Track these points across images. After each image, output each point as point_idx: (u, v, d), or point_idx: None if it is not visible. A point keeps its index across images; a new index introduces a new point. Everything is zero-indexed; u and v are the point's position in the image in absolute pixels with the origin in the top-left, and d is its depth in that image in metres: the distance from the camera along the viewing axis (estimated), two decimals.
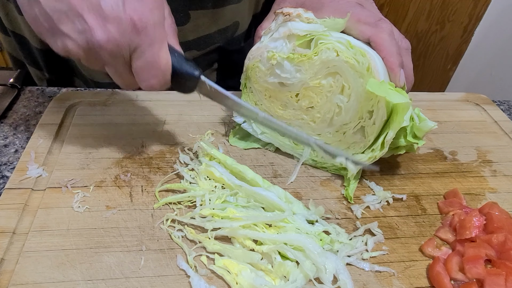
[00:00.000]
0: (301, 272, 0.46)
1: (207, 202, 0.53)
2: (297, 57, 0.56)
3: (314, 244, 0.47)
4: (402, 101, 0.51)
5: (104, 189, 0.56)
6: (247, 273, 0.46)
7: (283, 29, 0.56)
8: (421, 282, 0.48)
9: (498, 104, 0.84)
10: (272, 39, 0.58)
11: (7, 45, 0.84)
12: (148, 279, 0.46)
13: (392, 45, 0.55)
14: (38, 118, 0.68)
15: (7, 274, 0.45)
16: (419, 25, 1.96)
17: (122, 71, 0.48)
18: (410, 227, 0.55)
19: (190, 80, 0.52)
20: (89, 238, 0.49)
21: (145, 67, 0.47)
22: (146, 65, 0.47)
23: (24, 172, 0.56)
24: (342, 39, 0.54)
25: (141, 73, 0.48)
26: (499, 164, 0.67)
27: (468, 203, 0.59)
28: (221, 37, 0.80)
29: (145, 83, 0.49)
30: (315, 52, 0.55)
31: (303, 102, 0.59)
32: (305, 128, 0.61)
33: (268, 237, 0.48)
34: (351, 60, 0.53)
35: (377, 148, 0.55)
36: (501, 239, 0.49)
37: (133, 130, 0.66)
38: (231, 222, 0.50)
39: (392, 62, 0.54)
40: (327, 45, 0.54)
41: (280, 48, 0.57)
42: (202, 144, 0.59)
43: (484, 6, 1.87)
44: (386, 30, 0.55)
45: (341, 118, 0.57)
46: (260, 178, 0.56)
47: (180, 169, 0.58)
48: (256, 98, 0.64)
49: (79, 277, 0.45)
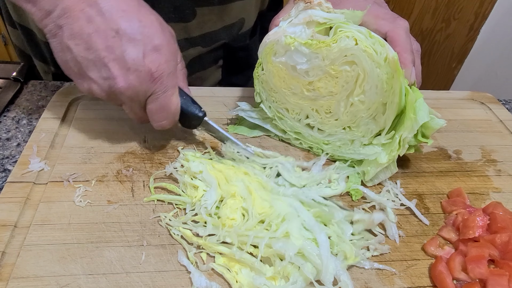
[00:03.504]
0: (301, 275, 0.45)
1: (197, 208, 0.51)
2: (315, 43, 0.55)
3: (312, 245, 0.46)
4: (420, 98, 0.52)
5: (105, 184, 0.56)
6: (247, 272, 0.46)
7: (303, 15, 0.57)
8: (423, 281, 0.48)
9: (503, 103, 0.83)
10: (291, 24, 0.58)
11: (15, 38, 0.85)
12: (149, 274, 0.46)
13: (407, 42, 0.56)
14: (41, 112, 0.68)
15: (8, 267, 0.45)
16: (424, 23, 1.95)
17: (137, 111, 0.56)
18: (413, 226, 0.54)
19: (195, 119, 0.59)
20: (90, 233, 0.49)
21: (158, 110, 0.54)
22: (159, 108, 0.54)
23: (26, 165, 0.56)
24: (362, 28, 0.54)
25: (154, 114, 0.55)
26: (503, 164, 0.66)
27: (472, 202, 0.58)
28: (227, 33, 0.80)
29: (157, 124, 0.56)
30: (334, 39, 0.54)
31: (316, 92, 0.59)
32: (315, 116, 0.61)
33: (265, 242, 0.47)
34: (370, 50, 0.53)
35: (395, 148, 0.55)
36: (504, 239, 0.49)
37: (135, 125, 0.66)
38: (222, 230, 0.48)
39: (405, 58, 0.55)
40: (347, 33, 0.54)
41: (299, 34, 0.57)
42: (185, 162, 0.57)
43: (490, 5, 1.86)
44: (403, 27, 0.57)
45: (355, 108, 0.57)
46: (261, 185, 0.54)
47: (173, 172, 0.56)
48: (266, 85, 0.63)
49: (80, 271, 0.45)
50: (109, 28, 0.48)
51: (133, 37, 0.49)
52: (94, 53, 0.48)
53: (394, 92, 0.54)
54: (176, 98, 0.55)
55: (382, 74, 0.53)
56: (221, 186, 0.53)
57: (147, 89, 0.52)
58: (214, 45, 0.81)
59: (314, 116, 0.62)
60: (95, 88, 0.51)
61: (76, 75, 0.52)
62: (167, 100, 0.53)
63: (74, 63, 0.50)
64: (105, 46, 0.48)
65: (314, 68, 0.57)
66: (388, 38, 0.56)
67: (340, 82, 0.57)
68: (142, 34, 0.49)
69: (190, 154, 0.58)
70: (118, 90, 0.50)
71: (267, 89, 0.64)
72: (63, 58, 0.51)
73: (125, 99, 0.53)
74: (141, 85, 0.51)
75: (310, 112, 0.62)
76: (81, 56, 0.49)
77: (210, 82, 0.88)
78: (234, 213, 0.50)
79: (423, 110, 0.53)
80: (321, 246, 0.46)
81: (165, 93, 0.53)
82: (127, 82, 0.50)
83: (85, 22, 0.48)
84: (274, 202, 0.51)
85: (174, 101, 0.54)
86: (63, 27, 0.48)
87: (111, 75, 0.49)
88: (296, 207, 0.51)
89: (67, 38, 0.48)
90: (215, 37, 0.79)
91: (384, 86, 0.54)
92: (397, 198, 0.57)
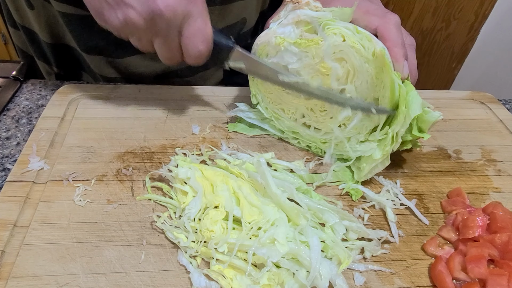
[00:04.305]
0: (296, 282, 0.44)
1: (186, 213, 0.50)
2: (304, 42, 0.56)
3: (306, 250, 0.46)
4: (412, 91, 0.52)
5: (105, 183, 0.56)
6: (242, 278, 0.45)
7: (292, 15, 0.57)
8: (423, 281, 0.48)
9: (503, 103, 0.83)
10: (281, 25, 0.59)
11: (16, 39, 0.84)
12: (148, 273, 0.46)
13: (398, 37, 0.55)
14: (41, 111, 0.68)
15: (7, 266, 0.45)
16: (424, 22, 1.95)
17: (171, 40, 0.55)
18: (413, 225, 0.54)
19: (225, 49, 0.59)
20: (89, 232, 0.49)
21: (196, 33, 0.54)
22: (197, 31, 0.54)
23: (25, 165, 0.56)
24: (349, 25, 0.55)
25: (192, 38, 0.55)
26: (503, 164, 0.66)
27: (471, 202, 0.58)
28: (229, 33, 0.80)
29: (195, 50, 0.55)
30: (322, 37, 0.55)
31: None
32: (310, 115, 0.62)
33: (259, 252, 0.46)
34: (357, 45, 0.53)
35: (388, 143, 0.55)
36: (504, 239, 0.49)
37: (135, 124, 0.66)
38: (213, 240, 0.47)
39: (396, 52, 0.54)
40: (334, 30, 0.54)
41: (288, 34, 0.58)
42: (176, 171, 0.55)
43: (491, 4, 1.85)
44: (393, 21, 0.56)
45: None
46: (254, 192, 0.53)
47: (166, 174, 0.56)
48: (261, 86, 0.64)
49: (79, 270, 0.45)
50: None
51: None
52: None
53: (385, 86, 0.54)
54: (209, 23, 0.55)
55: (371, 69, 0.54)
56: (206, 195, 0.52)
57: (185, 11, 0.52)
58: None
59: (309, 115, 0.62)
60: (132, 14, 0.50)
61: (110, 7, 0.51)
62: (204, 23, 0.54)
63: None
64: None
65: (305, 66, 0.58)
66: (378, 33, 0.56)
67: (331, 79, 0.57)
68: None
69: (180, 159, 0.57)
70: (158, 11, 0.50)
71: (262, 90, 0.65)
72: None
73: (163, 24, 0.52)
74: (180, 6, 0.51)
75: (306, 111, 0.62)
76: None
77: (212, 81, 0.88)
78: (214, 225, 0.48)
79: (415, 103, 0.52)
80: (312, 249, 0.46)
81: (201, 15, 0.54)
82: (166, 2, 0.50)
83: None
84: (264, 207, 0.50)
85: (209, 25, 0.55)
86: None
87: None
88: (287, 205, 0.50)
89: None
90: None
91: (374, 81, 0.54)
92: (397, 198, 0.57)
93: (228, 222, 0.49)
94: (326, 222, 0.50)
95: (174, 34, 0.54)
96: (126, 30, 0.53)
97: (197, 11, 0.53)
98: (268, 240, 0.47)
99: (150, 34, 0.54)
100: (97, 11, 0.52)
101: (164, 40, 0.55)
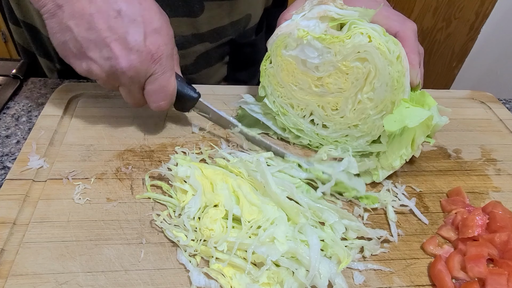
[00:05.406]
0: (296, 281, 0.44)
1: (186, 211, 0.50)
2: (329, 38, 0.55)
3: (305, 249, 0.46)
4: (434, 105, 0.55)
5: (105, 182, 0.56)
6: (242, 277, 0.45)
7: (317, 9, 0.57)
8: (422, 280, 0.48)
9: (503, 103, 0.83)
10: (305, 18, 0.58)
11: (18, 36, 0.84)
12: (147, 272, 0.46)
13: (416, 44, 0.57)
14: (40, 109, 0.68)
15: (7, 264, 0.45)
16: (425, 22, 1.95)
17: (135, 93, 0.56)
18: (412, 225, 0.54)
19: (190, 100, 0.61)
20: (89, 230, 0.49)
21: (157, 91, 0.55)
22: (158, 89, 0.55)
23: (25, 163, 0.56)
24: (376, 26, 0.55)
25: (153, 95, 0.56)
26: (503, 163, 0.66)
27: (471, 201, 0.58)
28: (234, 29, 0.80)
29: (155, 104, 0.57)
30: (348, 35, 0.55)
31: (324, 88, 0.59)
32: (320, 113, 0.61)
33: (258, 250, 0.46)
34: (383, 47, 0.53)
35: (407, 152, 0.56)
36: (504, 238, 0.49)
37: (135, 123, 0.66)
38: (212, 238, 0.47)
39: (413, 59, 0.56)
40: (361, 30, 0.54)
41: (312, 28, 0.57)
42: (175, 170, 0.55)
43: (491, 4, 1.85)
44: (412, 29, 0.58)
45: (362, 106, 0.58)
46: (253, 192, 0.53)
47: (166, 173, 0.55)
48: (273, 78, 0.62)
49: (78, 268, 0.45)
50: (110, 9, 0.49)
51: (134, 18, 0.50)
52: (96, 33, 0.49)
53: (404, 91, 0.54)
54: (173, 79, 0.56)
55: (393, 72, 0.54)
56: (206, 194, 0.52)
57: (148, 70, 0.53)
58: (221, 41, 0.81)
59: (319, 113, 0.61)
60: (95, 68, 0.52)
61: (75, 56, 0.52)
62: (166, 81, 0.55)
63: (74, 43, 0.50)
64: (107, 26, 0.49)
65: (325, 63, 0.57)
66: (398, 38, 0.57)
67: (350, 79, 0.57)
68: (142, 16, 0.50)
69: (180, 157, 0.57)
70: (120, 70, 0.51)
71: (273, 83, 0.63)
72: (61, 39, 0.50)
73: (125, 80, 0.53)
74: (142, 66, 0.52)
75: (316, 108, 0.61)
76: (81, 36, 0.49)
77: (216, 79, 0.88)
78: (213, 223, 0.48)
79: (435, 113, 0.54)
80: (311, 248, 0.46)
81: (164, 74, 0.54)
82: (128, 62, 0.51)
83: (86, 2, 0.48)
84: (263, 206, 0.50)
85: (172, 82, 0.56)
86: (63, 6, 0.48)
87: (113, 55, 0.50)
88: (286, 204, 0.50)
89: (67, 18, 0.48)
90: (223, 33, 0.80)
91: (394, 84, 0.54)
92: (396, 198, 0.57)
93: (227, 220, 0.49)
94: (326, 221, 0.50)
95: (137, 88, 0.56)
96: (91, 77, 0.54)
97: (160, 70, 0.54)
98: (267, 239, 0.47)
99: (114, 84, 0.55)
100: (63, 56, 0.53)
101: (128, 91, 0.56)
